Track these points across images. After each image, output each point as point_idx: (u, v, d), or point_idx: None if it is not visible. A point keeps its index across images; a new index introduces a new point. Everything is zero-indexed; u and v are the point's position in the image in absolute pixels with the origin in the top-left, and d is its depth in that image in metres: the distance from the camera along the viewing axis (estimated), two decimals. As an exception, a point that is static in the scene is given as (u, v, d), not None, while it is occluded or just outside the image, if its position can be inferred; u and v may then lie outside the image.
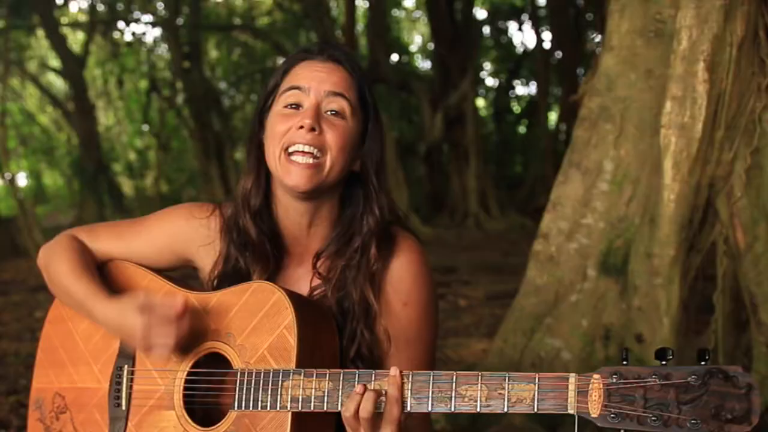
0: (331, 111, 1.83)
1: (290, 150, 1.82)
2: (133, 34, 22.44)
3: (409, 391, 1.64)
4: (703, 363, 1.43)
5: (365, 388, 1.65)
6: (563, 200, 3.67)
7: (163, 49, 22.55)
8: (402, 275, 1.89)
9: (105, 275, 2.06)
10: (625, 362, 1.48)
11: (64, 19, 21.40)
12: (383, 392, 1.65)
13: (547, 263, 3.67)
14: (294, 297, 1.80)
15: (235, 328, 1.83)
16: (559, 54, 18.23)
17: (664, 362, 1.45)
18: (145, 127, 22.80)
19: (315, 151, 1.81)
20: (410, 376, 1.64)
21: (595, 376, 1.48)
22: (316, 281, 1.92)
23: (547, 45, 18.68)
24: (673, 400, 1.41)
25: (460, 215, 16.29)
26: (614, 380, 1.46)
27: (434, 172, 17.96)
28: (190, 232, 2.02)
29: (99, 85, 23.21)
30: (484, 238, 14.36)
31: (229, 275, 1.95)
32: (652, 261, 3.31)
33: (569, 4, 17.43)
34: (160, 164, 22.04)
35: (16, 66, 21.04)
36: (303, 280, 1.95)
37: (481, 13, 23.04)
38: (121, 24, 21.84)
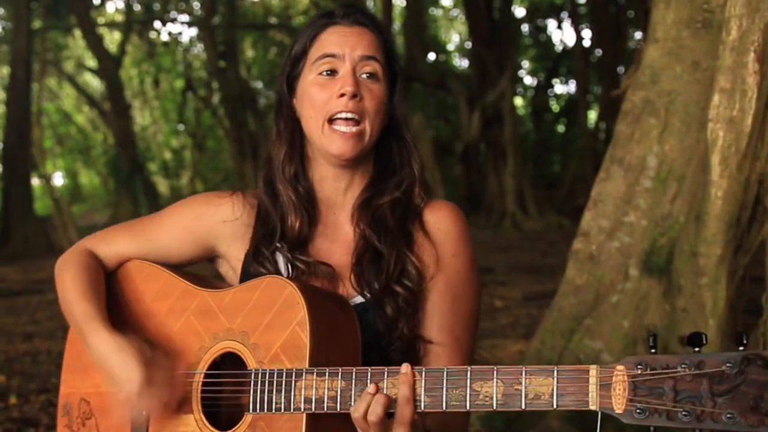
0: (367, 74, 1.85)
1: (333, 118, 1.83)
2: (170, 33, 22.75)
3: (423, 388, 1.56)
4: (741, 348, 1.28)
5: (377, 389, 1.57)
6: (605, 197, 3.58)
7: (199, 49, 22.77)
8: (450, 227, 1.88)
9: (120, 277, 2.02)
10: (653, 350, 1.35)
11: (100, 20, 21.71)
12: (394, 394, 1.57)
13: (587, 262, 3.58)
14: (307, 290, 1.73)
15: (249, 326, 1.77)
16: (599, 52, 18.00)
17: (697, 349, 1.31)
18: (181, 127, 22.98)
19: (357, 117, 1.82)
20: (422, 372, 1.56)
21: (619, 367, 1.35)
22: (360, 242, 1.87)
23: (587, 43, 18.47)
24: (706, 391, 1.27)
25: (497, 215, 16.16)
26: (640, 371, 1.32)
27: (471, 171, 17.84)
28: (211, 212, 1.98)
29: (135, 85, 23.50)
30: (522, 238, 14.25)
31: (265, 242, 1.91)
32: (697, 260, 3.21)
33: (610, 1, 17.19)
34: (195, 164, 22.23)
35: (53, 66, 21.40)
36: (344, 243, 1.91)
37: (519, 11, 22.89)
38: (157, 24, 22.11)
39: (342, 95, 1.80)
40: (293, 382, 1.65)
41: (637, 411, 1.31)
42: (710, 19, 3.39)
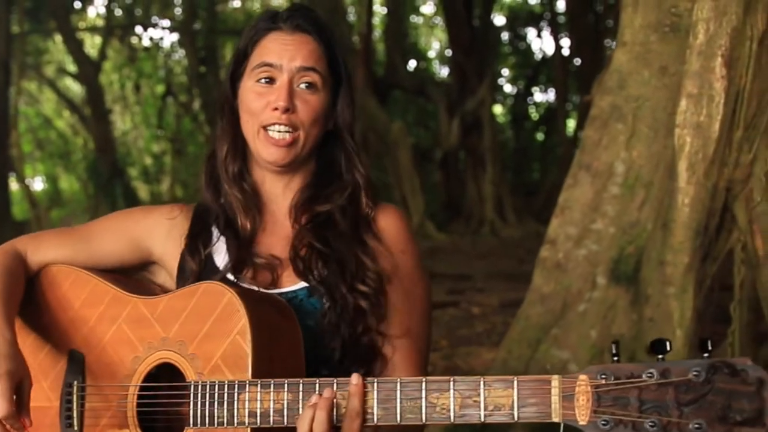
0: (305, 84, 1.84)
1: (267, 127, 1.83)
2: (151, 39, 22.64)
3: (375, 400, 1.49)
4: (705, 355, 1.24)
5: (320, 399, 1.51)
6: (572, 204, 3.53)
7: (180, 54, 22.68)
8: (397, 226, 1.90)
9: (45, 283, 1.93)
10: (615, 358, 1.30)
11: (81, 24, 21.56)
12: (344, 406, 1.49)
13: (555, 270, 3.53)
14: (247, 296, 1.65)
15: (186, 336, 1.68)
16: (578, 61, 18.05)
17: (661, 356, 1.26)
18: (160, 132, 22.89)
19: (290, 130, 1.82)
20: (375, 383, 1.49)
21: (582, 376, 1.30)
22: (300, 241, 1.86)
23: (566, 52, 18.50)
24: (672, 400, 1.23)
25: (476, 222, 16.12)
26: (604, 381, 1.27)
27: (450, 178, 17.80)
28: (147, 215, 1.98)
29: (116, 90, 23.39)
30: (500, 246, 14.21)
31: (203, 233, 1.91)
32: (664, 269, 3.16)
33: (589, 10, 17.24)
34: (175, 169, 22.08)
35: (33, 70, 21.23)
36: (283, 240, 1.89)
37: (499, 20, 22.93)
38: (138, 29, 22.03)
39: (275, 108, 1.80)
40: (236, 394, 1.57)
41: (602, 422, 1.27)
42: (678, 23, 3.34)
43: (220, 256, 1.87)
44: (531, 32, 23.25)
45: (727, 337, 3.33)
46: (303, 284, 1.81)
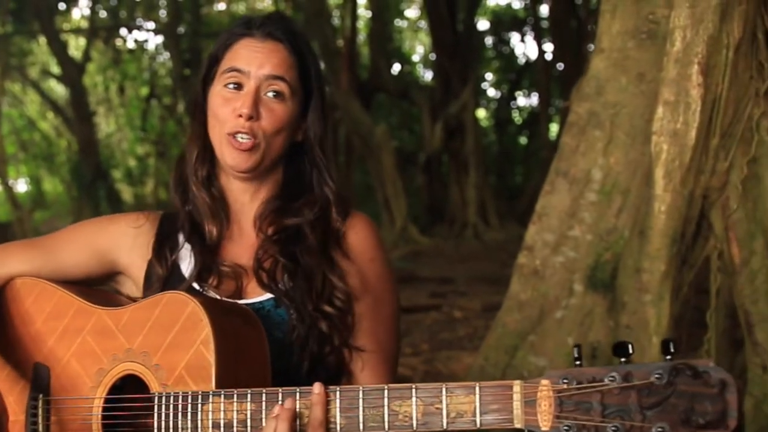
0: (271, 93, 1.82)
1: (231, 134, 1.81)
2: (135, 41, 22.58)
3: (338, 409, 1.48)
4: (668, 357, 1.22)
5: (282, 410, 1.49)
6: (549, 211, 3.51)
7: (164, 57, 22.61)
8: (365, 235, 1.89)
9: (8, 297, 1.91)
10: (578, 363, 1.29)
11: (65, 26, 21.45)
12: (307, 416, 1.48)
13: (532, 277, 3.51)
14: (211, 306, 1.64)
15: (150, 347, 1.67)
16: (561, 66, 18.08)
17: (624, 359, 1.25)
18: (144, 134, 22.82)
19: (252, 138, 1.81)
20: (337, 392, 1.48)
21: (544, 381, 1.29)
22: (264, 252, 1.84)
23: (549, 56, 18.53)
24: (635, 404, 1.21)
25: (459, 226, 16.11)
26: (565, 385, 1.26)
27: (434, 182, 17.79)
28: (113, 224, 1.95)
29: (100, 92, 23.32)
30: (483, 249, 14.22)
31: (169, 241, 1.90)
32: (641, 276, 3.14)
33: (571, 16, 17.29)
34: (159, 171, 21.98)
35: (17, 72, 21.09)
36: (249, 249, 1.88)
37: (483, 24, 22.97)
38: (123, 31, 21.95)
39: (240, 115, 1.79)
40: (199, 405, 1.56)
41: (565, 427, 1.25)
42: (655, 30, 3.33)
43: (186, 263, 1.85)
44: (514, 37, 23.37)
45: (704, 344, 3.33)
46: (269, 295, 1.79)
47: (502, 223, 15.86)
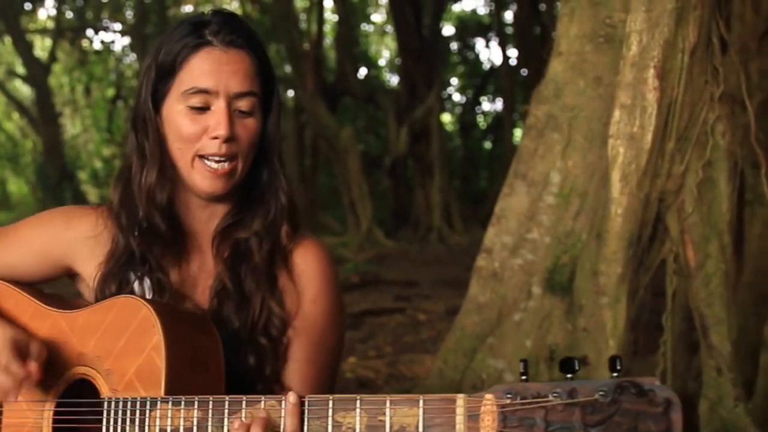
0: (243, 109, 1.71)
1: (204, 156, 1.70)
2: (102, 42, 22.39)
3: (283, 419, 1.45)
4: (615, 375, 1.20)
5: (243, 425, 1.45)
6: (508, 213, 3.50)
7: (131, 58, 22.45)
8: (312, 270, 1.79)
9: None
10: (524, 377, 1.26)
11: (31, 26, 21.16)
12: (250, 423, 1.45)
13: (491, 280, 3.49)
14: (164, 312, 1.61)
15: (103, 351, 1.65)
16: (525, 71, 18.21)
17: (569, 376, 1.22)
18: (110, 136, 22.63)
19: (230, 159, 1.70)
20: (282, 402, 1.46)
21: (488, 396, 1.26)
22: (221, 271, 1.77)
23: (513, 62, 18.64)
24: (579, 422, 1.18)
25: (424, 229, 16.13)
26: (509, 400, 1.23)
27: (399, 185, 17.82)
28: (69, 230, 1.83)
29: (66, 93, 23.11)
30: (447, 253, 14.23)
31: (121, 267, 1.78)
32: (598, 279, 3.14)
33: (535, 22, 17.43)
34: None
35: (-19, 72, 20.83)
36: (206, 272, 1.81)
37: (448, 29, 23.08)
38: (89, 32, 21.74)
39: (215, 137, 1.66)
40: (147, 411, 1.55)
41: None
42: (612, 34, 3.34)
43: (136, 284, 1.78)
44: (479, 42, 23.51)
45: (660, 347, 3.34)
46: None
47: (466, 226, 15.90)
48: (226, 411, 1.48)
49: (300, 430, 1.42)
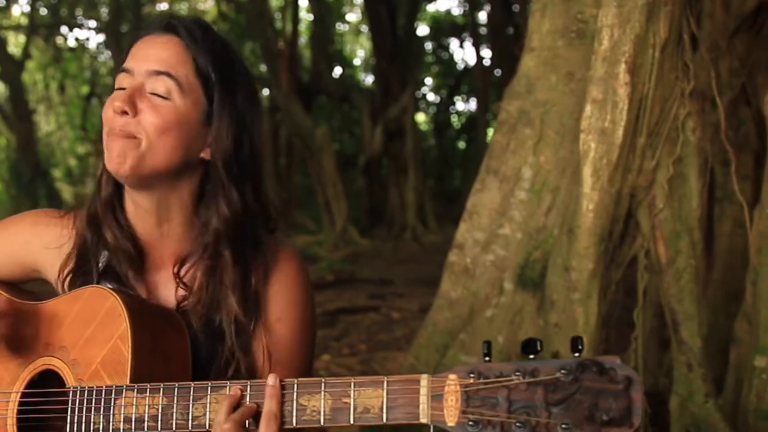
0: (158, 89, 1.61)
1: (108, 133, 1.63)
2: (76, 39, 22.20)
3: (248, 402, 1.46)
4: (576, 354, 1.21)
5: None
6: (479, 209, 3.48)
7: (106, 56, 22.29)
8: (281, 286, 1.71)
9: None
10: (487, 358, 1.26)
11: (5, 22, 20.91)
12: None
13: (462, 276, 3.48)
14: (131, 302, 1.60)
15: (69, 341, 1.63)
16: (498, 71, 18.27)
17: (532, 356, 1.23)
18: (83, 133, 22.44)
19: (128, 135, 1.60)
20: (248, 386, 1.45)
21: (451, 376, 1.27)
22: (182, 292, 1.70)
23: (487, 62, 18.72)
24: (541, 400, 1.19)
25: (398, 228, 16.15)
26: (472, 380, 1.23)
27: (373, 184, 17.84)
28: (36, 237, 1.79)
29: (40, 90, 22.91)
30: (421, 251, 14.27)
31: (83, 272, 1.74)
32: (569, 275, 3.13)
33: (509, 22, 17.49)
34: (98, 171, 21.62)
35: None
36: (167, 287, 1.72)
37: (423, 29, 23.13)
38: (64, 29, 21.53)
39: (115, 112, 1.61)
40: (113, 400, 1.53)
41: (470, 423, 1.23)
42: (584, 29, 3.33)
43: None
44: (453, 43, 23.56)
45: (631, 343, 3.33)
46: None
47: (440, 225, 15.95)
48: (191, 397, 1.47)
49: (280, 413, 1.40)
